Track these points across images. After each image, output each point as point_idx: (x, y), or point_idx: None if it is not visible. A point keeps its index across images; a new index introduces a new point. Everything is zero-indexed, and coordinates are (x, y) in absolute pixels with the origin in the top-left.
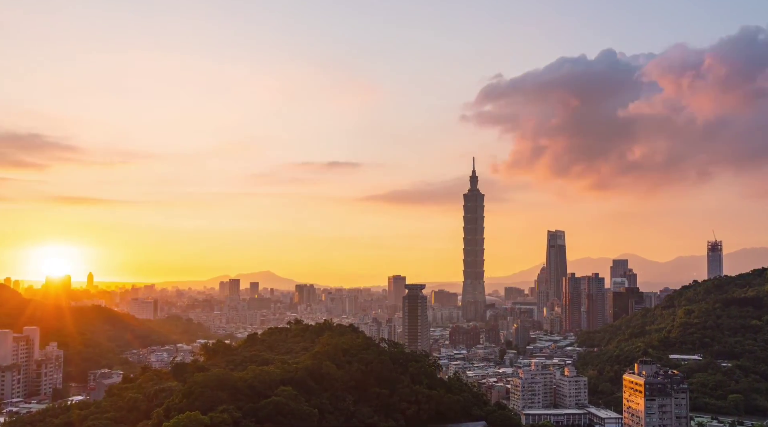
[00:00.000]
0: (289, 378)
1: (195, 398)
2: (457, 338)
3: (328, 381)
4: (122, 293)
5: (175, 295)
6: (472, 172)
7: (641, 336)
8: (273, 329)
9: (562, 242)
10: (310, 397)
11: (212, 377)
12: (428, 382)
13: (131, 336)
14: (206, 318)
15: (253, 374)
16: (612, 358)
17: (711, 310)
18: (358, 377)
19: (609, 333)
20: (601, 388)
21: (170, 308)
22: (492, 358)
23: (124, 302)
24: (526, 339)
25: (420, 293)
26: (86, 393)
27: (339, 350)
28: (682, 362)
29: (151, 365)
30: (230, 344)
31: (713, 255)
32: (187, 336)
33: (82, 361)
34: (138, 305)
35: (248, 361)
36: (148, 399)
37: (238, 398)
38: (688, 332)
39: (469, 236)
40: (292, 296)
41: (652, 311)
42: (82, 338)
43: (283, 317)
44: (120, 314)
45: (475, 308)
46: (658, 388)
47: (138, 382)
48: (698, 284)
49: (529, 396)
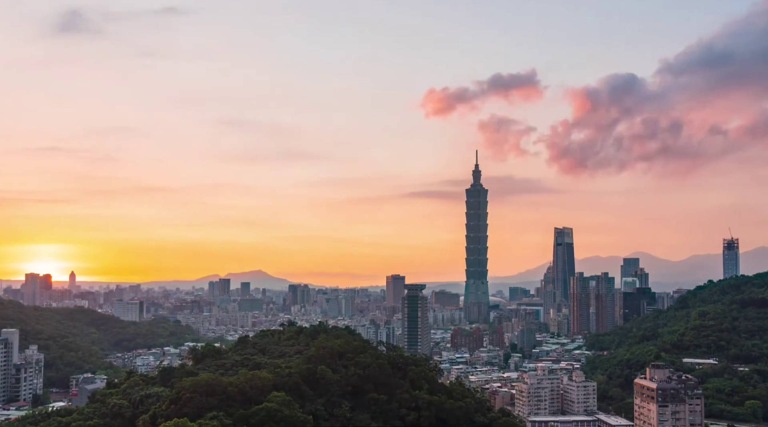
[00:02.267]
0: (282, 383)
1: (183, 404)
2: (459, 340)
3: (323, 386)
4: (106, 293)
5: (161, 295)
6: (475, 166)
7: (653, 339)
8: (265, 331)
9: (569, 239)
10: (305, 403)
11: (201, 383)
12: (429, 387)
13: (116, 339)
14: (195, 320)
15: (244, 379)
16: (622, 362)
17: (727, 311)
18: (355, 382)
19: (619, 336)
20: (611, 393)
21: (157, 309)
22: (496, 362)
23: (108, 303)
24: (531, 342)
25: (420, 294)
26: (68, 399)
27: (335, 353)
28: (697, 367)
29: (136, 369)
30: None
31: (729, 253)
32: (175, 339)
33: (64, 365)
34: (123, 306)
35: (239, 365)
36: (134, 406)
37: (229, 405)
38: (703, 334)
39: (472, 234)
40: (285, 297)
41: (664, 313)
42: (63, 341)
43: (275, 318)
44: (104, 316)
45: (478, 309)
46: (671, 394)
47: (123, 387)
48: (713, 283)
49: (535, 402)
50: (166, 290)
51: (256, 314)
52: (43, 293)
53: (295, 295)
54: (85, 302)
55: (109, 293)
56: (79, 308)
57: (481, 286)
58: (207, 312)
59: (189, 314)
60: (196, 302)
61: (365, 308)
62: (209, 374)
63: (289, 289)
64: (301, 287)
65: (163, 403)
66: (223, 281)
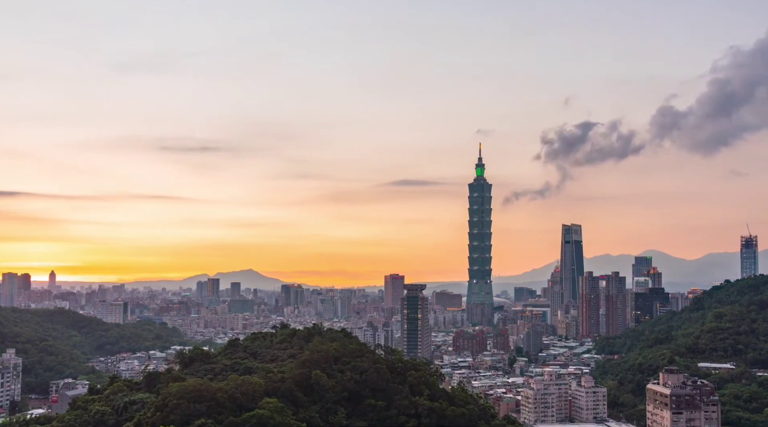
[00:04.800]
0: (275, 389)
1: (169, 411)
2: (462, 344)
3: (317, 392)
4: (88, 293)
5: (147, 296)
6: (478, 159)
7: (667, 342)
8: (256, 334)
9: (578, 237)
10: (298, 410)
11: (188, 388)
12: (429, 393)
13: (98, 342)
14: (182, 322)
15: (234, 385)
16: (634, 366)
17: (745, 313)
18: (352, 388)
19: (630, 339)
20: (622, 400)
21: (142, 310)
22: (500, 366)
23: (90, 304)
24: (538, 345)
25: (420, 294)
26: (47, 406)
27: (330, 357)
28: (713, 371)
29: (120, 374)
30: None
31: (747, 252)
32: (161, 342)
33: (44, 370)
34: (106, 307)
35: (229, 370)
36: (117, 413)
37: (218, 412)
38: (719, 337)
39: (475, 231)
40: (277, 298)
41: (678, 314)
42: (43, 345)
43: (267, 320)
44: (86, 317)
45: (481, 310)
46: (686, 400)
47: (106, 393)
48: (730, 283)
49: (542, 409)
50: (151, 290)
51: (247, 315)
52: (21, 294)
53: (288, 295)
54: (66, 303)
55: (91, 293)
56: (59, 309)
57: (484, 286)
58: (195, 314)
59: (176, 316)
60: (183, 302)
61: (362, 309)
62: (197, 380)
63: (282, 289)
64: (295, 287)
65: (149, 410)
66: (212, 281)
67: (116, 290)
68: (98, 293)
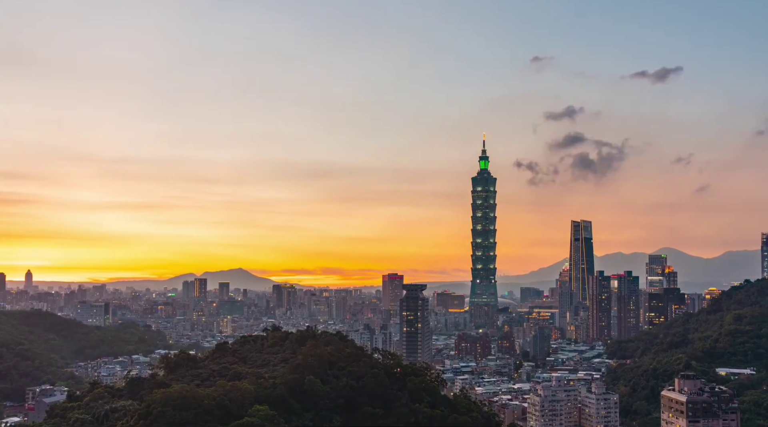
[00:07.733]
0: (266, 396)
1: (153, 419)
2: (464, 347)
3: (311, 399)
4: (67, 294)
5: (129, 297)
6: (482, 151)
7: (682, 346)
8: (246, 337)
9: (588, 234)
10: (290, 418)
11: (174, 395)
12: (430, 400)
13: (78, 346)
14: (167, 325)
15: (222, 391)
16: (648, 372)
17: (766, 315)
18: (347, 395)
19: (644, 342)
20: (635, 407)
21: (124, 312)
22: (505, 371)
23: (69, 305)
24: (545, 349)
25: (420, 295)
26: (23, 414)
27: (324, 362)
28: (732, 377)
29: (101, 380)
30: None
31: None
32: (144, 346)
33: (19, 376)
34: (86, 309)
35: (217, 375)
36: (98, 421)
37: (205, 420)
38: (739, 341)
39: (479, 227)
40: (268, 298)
41: (695, 316)
42: (18, 349)
43: (258, 322)
44: (64, 320)
45: (485, 312)
46: (703, 407)
47: (86, 400)
48: (750, 283)
49: (549, 417)
50: (134, 290)
51: (236, 317)
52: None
53: (280, 296)
54: (43, 305)
55: (70, 294)
56: (36, 311)
57: (488, 286)
58: (181, 316)
59: (160, 318)
60: (168, 304)
61: (358, 310)
62: (183, 386)
63: (273, 289)
64: (287, 288)
65: (131, 418)
66: (199, 281)
67: (97, 291)
68: (78, 293)
